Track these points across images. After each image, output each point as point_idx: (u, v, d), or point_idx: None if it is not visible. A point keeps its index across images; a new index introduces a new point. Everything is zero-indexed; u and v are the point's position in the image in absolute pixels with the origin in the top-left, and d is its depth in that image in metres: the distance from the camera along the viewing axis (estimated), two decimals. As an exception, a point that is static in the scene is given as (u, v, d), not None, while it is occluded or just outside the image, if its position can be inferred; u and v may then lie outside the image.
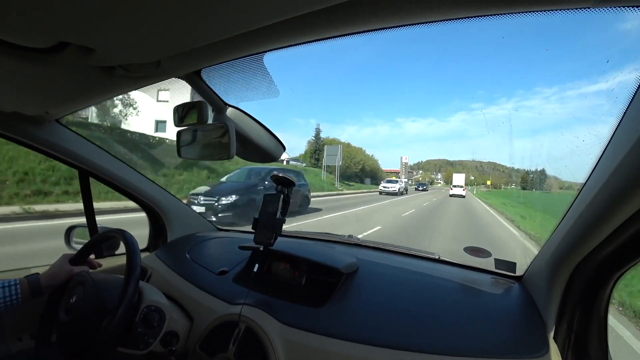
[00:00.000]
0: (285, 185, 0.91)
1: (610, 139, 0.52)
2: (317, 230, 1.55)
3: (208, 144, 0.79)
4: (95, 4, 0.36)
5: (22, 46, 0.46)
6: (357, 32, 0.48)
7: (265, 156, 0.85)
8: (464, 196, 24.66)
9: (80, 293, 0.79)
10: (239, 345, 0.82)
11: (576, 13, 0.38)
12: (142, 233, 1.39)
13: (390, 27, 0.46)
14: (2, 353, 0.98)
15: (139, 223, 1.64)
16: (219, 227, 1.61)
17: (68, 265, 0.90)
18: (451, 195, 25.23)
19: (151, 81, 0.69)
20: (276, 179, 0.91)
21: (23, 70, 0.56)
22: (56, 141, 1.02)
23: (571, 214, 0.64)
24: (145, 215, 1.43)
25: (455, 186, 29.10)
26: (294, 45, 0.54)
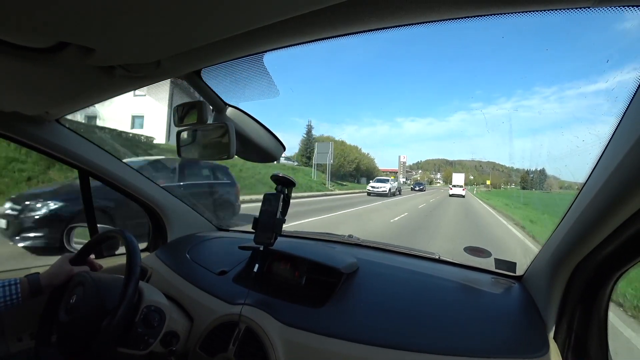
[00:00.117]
0: (285, 185, 0.91)
1: (610, 139, 0.52)
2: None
3: (208, 144, 0.79)
4: (95, 4, 0.36)
5: (22, 46, 0.47)
6: (357, 32, 0.48)
7: (265, 156, 0.85)
8: (464, 196, 24.36)
9: (80, 293, 0.79)
10: (239, 345, 0.82)
11: (576, 12, 0.38)
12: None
13: (389, 27, 0.47)
14: (2, 353, 0.98)
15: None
16: (219, 227, 1.61)
17: (68, 265, 0.90)
18: (451, 195, 24.85)
19: (151, 81, 0.69)
20: (276, 179, 0.91)
21: (23, 70, 0.56)
22: (56, 141, 1.02)
23: (571, 214, 0.64)
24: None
25: (454, 186, 28.88)
26: (294, 45, 0.54)
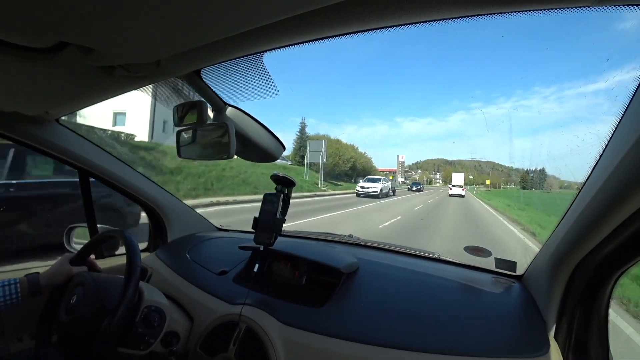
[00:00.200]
0: (285, 184, 0.91)
1: (610, 138, 0.52)
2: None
3: (208, 144, 0.79)
4: (95, 4, 0.36)
5: (22, 46, 0.46)
6: (356, 32, 0.48)
7: (265, 156, 0.85)
8: (464, 196, 24.26)
9: (80, 293, 0.79)
10: (240, 345, 0.82)
11: (575, 12, 0.38)
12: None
13: (389, 27, 0.47)
14: (2, 353, 0.98)
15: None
16: (219, 227, 1.61)
17: (68, 265, 0.90)
18: (450, 194, 24.75)
19: (151, 81, 0.69)
20: (276, 179, 0.91)
21: (23, 70, 0.56)
22: (56, 141, 1.02)
23: (571, 214, 0.64)
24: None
25: (454, 186, 28.77)
26: (294, 44, 0.54)
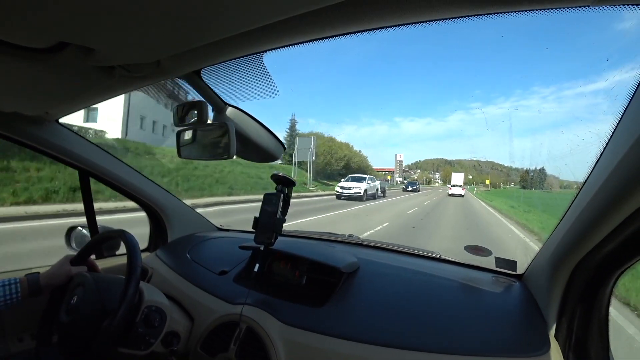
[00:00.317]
0: (285, 184, 0.91)
1: (610, 138, 0.52)
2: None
3: (208, 144, 0.79)
4: (95, 4, 0.36)
5: (22, 46, 0.46)
6: (356, 32, 0.48)
7: (265, 156, 0.85)
8: (463, 195, 24.06)
9: (80, 294, 0.79)
10: (240, 345, 0.82)
11: (575, 12, 0.38)
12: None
13: (389, 27, 0.47)
14: (3, 353, 0.98)
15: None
16: (219, 227, 1.61)
17: (68, 265, 0.90)
18: (450, 194, 24.49)
19: (151, 81, 0.69)
20: (276, 179, 0.91)
21: (23, 70, 0.56)
22: (56, 141, 1.02)
23: (571, 213, 0.64)
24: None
25: (454, 186, 28.53)
26: (294, 44, 0.54)
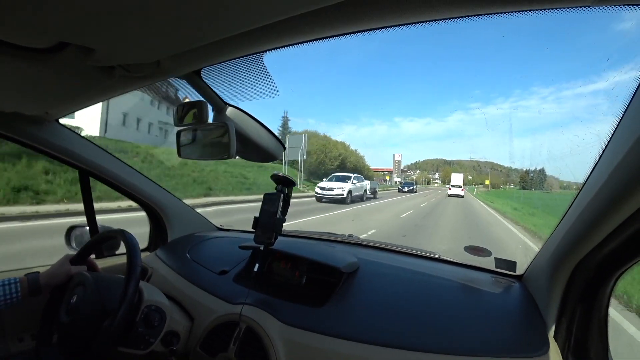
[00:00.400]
0: (285, 184, 0.91)
1: (610, 138, 0.52)
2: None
3: (208, 144, 0.79)
4: (95, 4, 0.36)
5: (22, 46, 0.47)
6: (356, 32, 0.48)
7: (265, 155, 0.85)
8: (463, 196, 23.93)
9: (80, 293, 0.80)
10: (240, 345, 0.82)
11: (575, 12, 0.38)
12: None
13: (389, 27, 0.47)
14: (3, 353, 0.98)
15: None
16: (219, 227, 1.61)
17: (68, 265, 0.90)
18: (450, 195, 24.33)
19: (151, 81, 0.69)
20: (276, 179, 0.91)
21: (23, 70, 0.56)
22: (56, 141, 1.02)
23: (571, 213, 0.64)
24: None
25: (453, 186, 28.29)
26: (294, 44, 0.54)
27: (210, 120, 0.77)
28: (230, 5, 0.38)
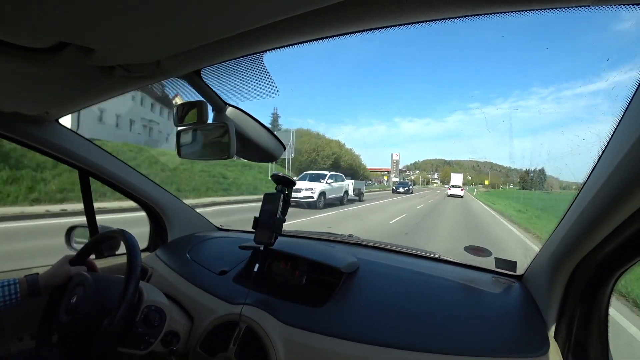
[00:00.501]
0: (285, 184, 0.91)
1: (610, 138, 0.52)
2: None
3: (208, 144, 0.79)
4: (95, 4, 0.36)
5: (22, 46, 0.47)
6: (356, 32, 0.48)
7: (265, 155, 0.85)
8: (462, 196, 23.83)
9: (80, 293, 0.80)
10: (240, 345, 0.82)
11: (575, 12, 0.38)
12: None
13: (389, 27, 0.47)
14: (3, 353, 0.98)
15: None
16: (219, 227, 1.61)
17: (68, 266, 0.90)
18: (449, 195, 24.30)
19: (151, 81, 0.69)
20: (276, 179, 0.91)
21: (23, 70, 0.56)
22: (56, 141, 1.02)
23: (571, 213, 0.64)
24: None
25: (453, 186, 28.11)
26: (294, 44, 0.54)
27: (210, 120, 0.77)
28: (230, 5, 0.38)
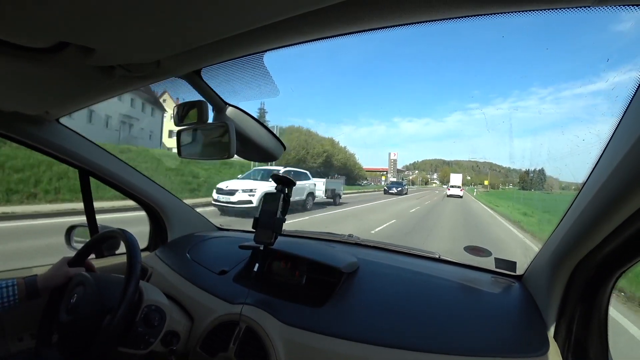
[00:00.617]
0: (285, 184, 0.91)
1: (610, 138, 0.52)
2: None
3: (208, 144, 0.79)
4: (95, 4, 0.36)
5: (22, 46, 0.47)
6: (356, 32, 0.48)
7: (265, 155, 0.85)
8: (461, 196, 23.79)
9: (80, 293, 0.80)
10: (240, 344, 0.82)
11: (575, 12, 0.38)
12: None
13: (389, 27, 0.47)
14: (3, 353, 0.98)
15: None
16: (219, 227, 1.61)
17: (66, 267, 0.90)
18: (449, 195, 24.24)
19: (151, 81, 0.69)
20: (276, 179, 0.91)
21: (23, 70, 0.56)
22: (56, 141, 1.02)
23: (571, 213, 0.64)
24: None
25: (452, 186, 27.96)
26: (294, 44, 0.54)
27: (210, 120, 0.77)
28: (230, 5, 0.38)
